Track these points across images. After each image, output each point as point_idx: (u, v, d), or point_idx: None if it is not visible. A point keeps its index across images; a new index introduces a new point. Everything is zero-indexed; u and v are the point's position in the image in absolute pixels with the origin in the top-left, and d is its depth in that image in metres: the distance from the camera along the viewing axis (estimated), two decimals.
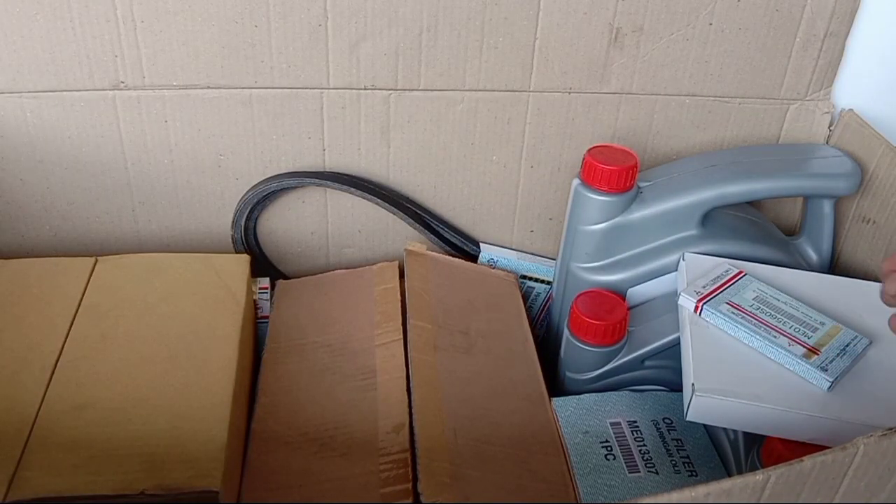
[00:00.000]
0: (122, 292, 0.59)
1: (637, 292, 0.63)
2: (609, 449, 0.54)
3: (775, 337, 0.52)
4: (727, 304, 0.54)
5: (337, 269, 0.71)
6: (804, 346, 0.51)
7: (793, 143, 0.69)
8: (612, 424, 0.57)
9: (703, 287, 0.56)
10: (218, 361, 0.54)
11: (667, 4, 0.62)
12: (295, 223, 0.70)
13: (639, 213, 0.61)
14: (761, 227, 0.65)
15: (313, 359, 0.58)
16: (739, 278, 0.57)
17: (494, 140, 0.67)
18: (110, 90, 0.62)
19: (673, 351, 0.58)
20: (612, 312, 0.58)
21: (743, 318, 0.53)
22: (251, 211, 0.67)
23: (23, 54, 0.59)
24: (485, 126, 0.66)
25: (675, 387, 0.60)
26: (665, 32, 0.63)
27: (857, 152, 0.65)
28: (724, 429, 0.55)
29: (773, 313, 0.54)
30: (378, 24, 0.61)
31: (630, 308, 0.61)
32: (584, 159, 0.60)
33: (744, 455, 0.53)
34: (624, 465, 0.54)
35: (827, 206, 0.65)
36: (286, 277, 0.72)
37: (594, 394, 0.59)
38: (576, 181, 0.61)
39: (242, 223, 0.68)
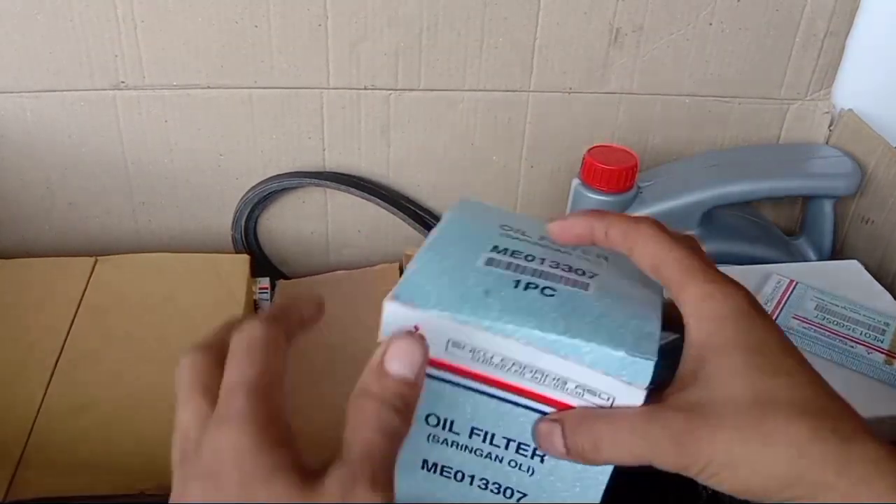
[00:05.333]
0: (122, 292, 0.59)
1: None
2: None
3: (852, 347, 0.51)
4: (794, 318, 0.53)
5: (337, 269, 0.71)
6: (882, 352, 0.51)
7: (793, 143, 0.69)
8: None
9: (766, 304, 0.55)
10: None
11: (667, 4, 0.62)
12: (295, 223, 0.70)
13: (639, 213, 0.61)
14: (761, 227, 0.65)
15: (313, 360, 0.58)
16: (794, 288, 0.56)
17: (494, 140, 0.67)
18: (110, 90, 0.62)
19: (673, 351, 0.58)
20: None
21: (816, 330, 0.52)
22: (251, 211, 0.67)
23: (23, 54, 0.59)
24: (485, 126, 0.66)
25: None
26: (665, 32, 0.63)
27: (857, 152, 0.65)
28: None
29: (838, 321, 0.53)
30: (378, 24, 0.61)
31: None
32: (584, 159, 0.60)
33: None
34: None
35: (827, 206, 0.65)
36: (286, 277, 0.72)
37: None
38: (576, 181, 0.61)
39: (242, 223, 0.68)
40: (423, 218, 0.69)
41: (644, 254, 0.32)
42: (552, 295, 0.32)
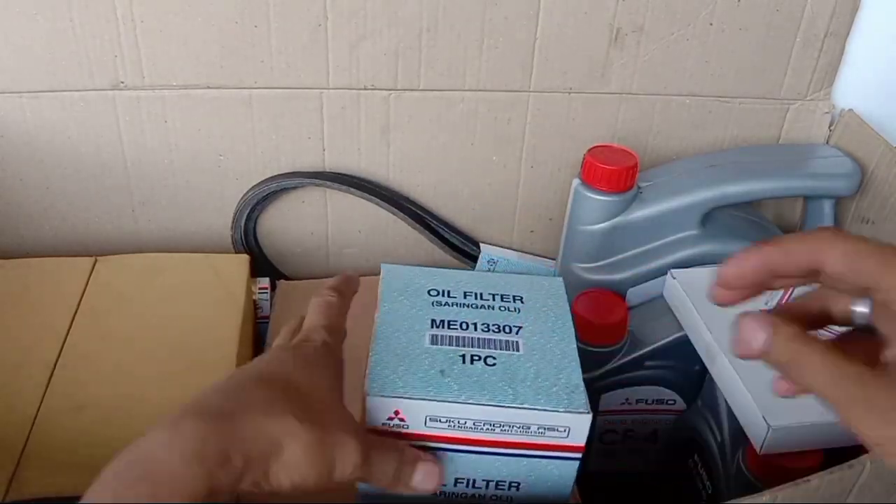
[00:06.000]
0: (122, 292, 0.59)
1: (637, 292, 0.62)
2: None
3: None
4: None
5: (337, 269, 0.71)
6: None
7: (793, 143, 0.69)
8: None
9: (766, 304, 0.54)
10: (218, 361, 0.54)
11: (667, 4, 0.62)
12: (295, 223, 0.70)
13: (639, 213, 0.61)
14: (761, 227, 0.65)
15: None
16: (794, 289, 0.56)
17: (494, 140, 0.67)
18: (110, 90, 0.62)
19: (673, 351, 0.58)
20: (612, 312, 0.58)
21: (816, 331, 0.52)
22: (251, 211, 0.67)
23: (23, 54, 0.59)
24: (485, 126, 0.66)
25: (676, 387, 0.60)
26: (665, 32, 0.63)
27: (857, 152, 0.65)
28: (712, 430, 0.55)
29: None
30: (378, 24, 0.61)
31: (630, 308, 0.61)
32: (584, 159, 0.60)
33: (730, 455, 0.53)
34: None
35: (827, 207, 0.65)
36: (286, 278, 0.72)
37: None
38: (576, 181, 0.61)
39: (242, 223, 0.68)
40: (423, 218, 0.69)
41: (836, 255, 0.31)
42: (493, 364, 0.39)
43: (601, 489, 0.62)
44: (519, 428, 0.37)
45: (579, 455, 0.39)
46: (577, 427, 0.37)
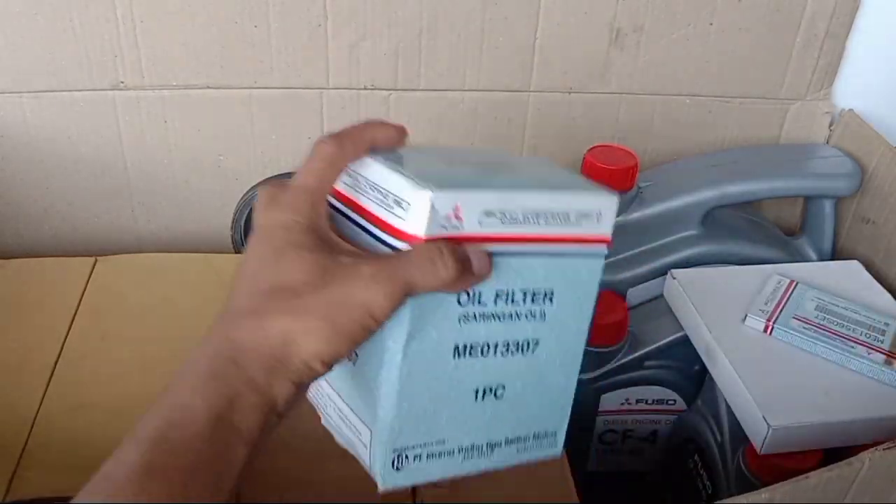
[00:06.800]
0: (122, 292, 0.59)
1: (637, 292, 0.62)
2: None
3: (852, 347, 0.51)
4: (794, 318, 0.53)
5: None
6: (882, 353, 0.51)
7: (793, 143, 0.69)
8: None
9: (766, 304, 0.54)
10: None
11: (667, 4, 0.62)
12: None
13: (639, 213, 0.61)
14: (761, 227, 0.65)
15: None
16: (794, 288, 0.56)
17: (494, 140, 0.67)
18: (110, 90, 0.62)
19: (673, 351, 0.58)
20: (612, 312, 0.58)
21: (816, 331, 0.52)
22: (251, 211, 0.67)
23: (23, 54, 0.59)
24: (485, 126, 0.66)
25: (677, 387, 0.60)
26: (665, 32, 0.63)
27: (857, 152, 0.65)
28: (712, 430, 0.55)
29: (838, 321, 0.53)
30: (377, 25, 0.61)
31: (630, 308, 0.61)
32: (584, 159, 0.60)
33: (730, 455, 0.53)
34: None
35: (827, 206, 0.65)
36: None
37: None
38: None
39: (242, 223, 0.68)
40: None
41: None
42: (518, 171, 0.41)
43: (601, 489, 0.62)
44: (560, 217, 0.37)
45: (605, 249, 0.40)
46: (606, 212, 0.39)
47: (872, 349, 0.51)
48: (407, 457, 0.36)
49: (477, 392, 0.37)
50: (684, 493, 0.59)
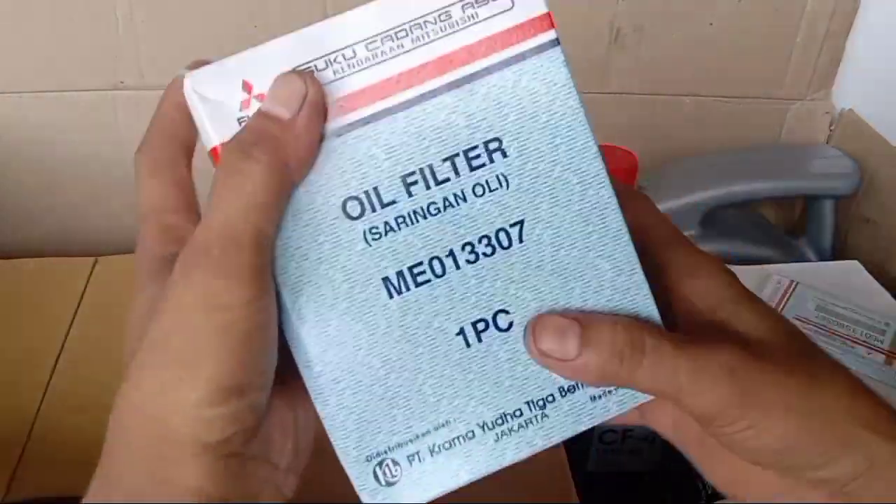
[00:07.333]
0: (122, 292, 0.59)
1: None
2: None
3: (852, 347, 0.51)
4: (794, 318, 0.53)
5: None
6: (882, 353, 0.51)
7: (793, 143, 0.69)
8: None
9: None
10: None
11: (667, 4, 0.62)
12: None
13: None
14: (761, 227, 0.65)
15: None
16: (794, 288, 0.56)
17: None
18: (110, 90, 0.62)
19: None
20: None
21: (815, 331, 0.52)
22: None
23: (23, 54, 0.59)
24: None
25: None
26: (665, 32, 0.63)
27: (857, 152, 0.65)
28: None
29: (838, 321, 0.53)
30: None
31: None
32: None
33: None
34: None
35: (827, 206, 0.65)
36: None
37: None
38: None
39: None
40: None
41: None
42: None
43: (601, 489, 0.62)
44: (442, 23, 0.24)
45: (553, 35, 0.26)
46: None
47: (872, 349, 0.51)
48: (394, 462, 0.26)
49: (462, 333, 0.24)
50: (684, 493, 0.59)
